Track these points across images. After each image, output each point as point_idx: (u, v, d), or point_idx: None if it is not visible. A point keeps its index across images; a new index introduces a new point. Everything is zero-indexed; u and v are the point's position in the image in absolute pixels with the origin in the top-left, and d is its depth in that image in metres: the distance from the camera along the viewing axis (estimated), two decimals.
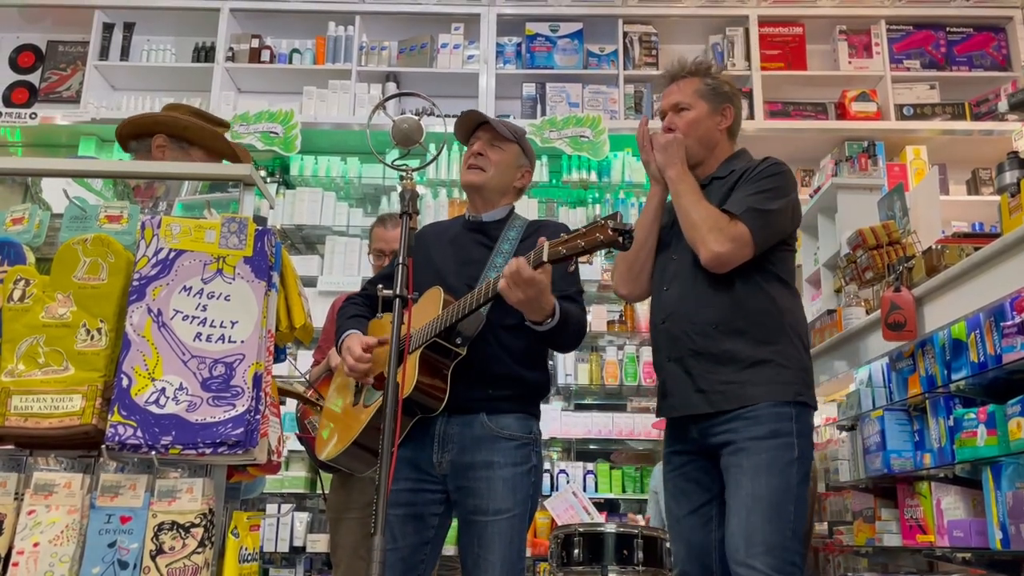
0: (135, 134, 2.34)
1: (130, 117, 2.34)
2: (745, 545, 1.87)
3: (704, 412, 2.02)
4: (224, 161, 2.43)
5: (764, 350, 2.01)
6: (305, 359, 4.12)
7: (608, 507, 4.18)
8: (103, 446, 1.53)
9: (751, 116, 4.76)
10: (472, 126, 2.26)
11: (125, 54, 5.01)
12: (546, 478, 4.08)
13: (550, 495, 3.86)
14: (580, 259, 1.79)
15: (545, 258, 1.80)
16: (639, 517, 3.46)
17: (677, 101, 2.22)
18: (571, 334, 2.06)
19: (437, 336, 1.96)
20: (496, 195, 2.24)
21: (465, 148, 2.29)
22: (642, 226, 2.24)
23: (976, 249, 2.22)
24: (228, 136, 2.86)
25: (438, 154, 2.21)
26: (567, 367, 4.32)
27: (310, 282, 4.28)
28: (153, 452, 1.52)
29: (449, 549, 3.27)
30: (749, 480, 1.91)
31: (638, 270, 2.24)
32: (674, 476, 2.15)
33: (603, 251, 1.76)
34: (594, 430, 4.24)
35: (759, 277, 2.07)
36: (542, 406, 2.20)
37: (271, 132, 4.56)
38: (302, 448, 3.47)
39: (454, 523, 2.11)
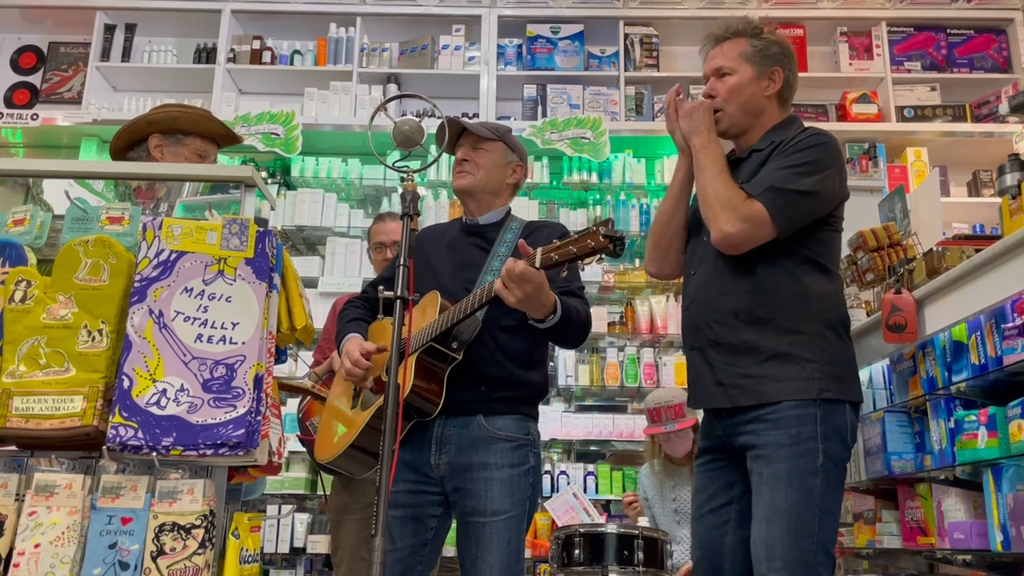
0: (129, 143, 2.34)
1: (119, 130, 2.35)
2: (766, 558, 1.81)
3: (723, 407, 1.93)
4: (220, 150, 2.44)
5: (787, 341, 1.88)
6: (306, 359, 4.13)
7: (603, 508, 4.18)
8: (104, 447, 1.53)
9: None
10: (454, 135, 2.26)
11: (126, 55, 5.01)
12: (546, 479, 4.08)
13: (550, 496, 3.86)
14: (578, 264, 1.79)
15: (537, 264, 1.81)
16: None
17: (719, 65, 2.05)
18: (575, 329, 2.06)
19: (433, 340, 1.97)
20: (489, 196, 2.24)
21: None
22: (667, 202, 2.12)
23: (977, 251, 2.22)
24: None
25: (439, 156, 2.22)
26: (568, 368, 4.32)
27: (311, 283, 4.29)
28: (154, 453, 1.52)
29: (450, 550, 3.27)
30: (768, 490, 1.82)
31: (665, 247, 2.13)
32: (700, 471, 2.08)
33: (597, 257, 1.76)
34: (595, 431, 4.24)
35: (788, 261, 1.93)
36: (542, 407, 2.20)
37: (272, 133, 4.56)
38: (303, 449, 3.48)
39: (454, 524, 2.12)
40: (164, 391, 1.57)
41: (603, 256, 1.74)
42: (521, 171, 2.29)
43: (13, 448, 1.63)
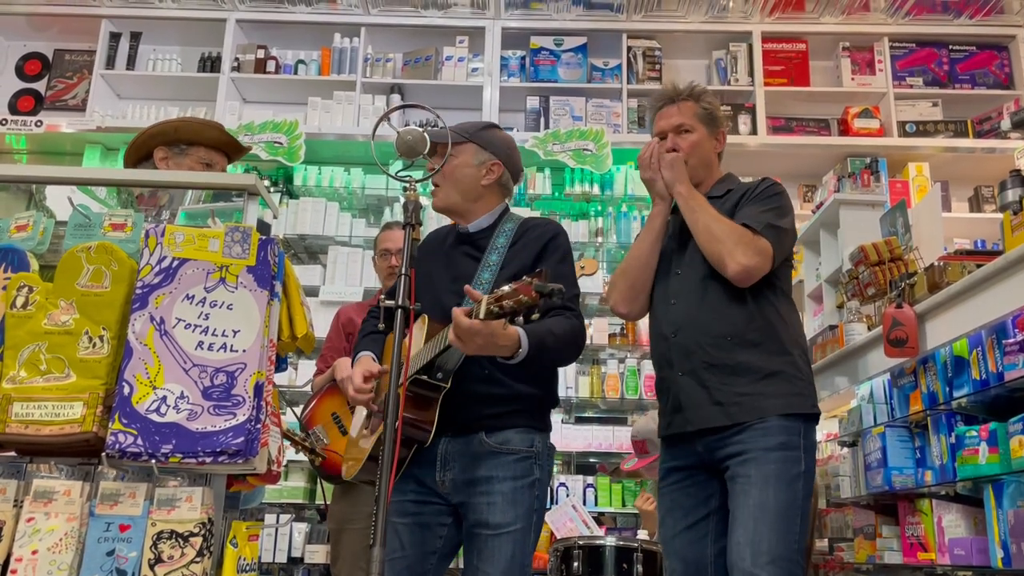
0: (138, 158, 2.36)
1: (127, 147, 2.36)
2: (752, 555, 1.87)
3: (721, 425, 2.02)
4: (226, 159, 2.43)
5: (777, 361, 2.04)
6: (307, 368, 4.13)
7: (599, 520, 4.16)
8: (103, 454, 1.53)
9: (754, 132, 4.77)
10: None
11: (131, 63, 5.03)
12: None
13: (550, 508, 3.85)
14: (519, 316, 1.66)
15: (482, 316, 1.70)
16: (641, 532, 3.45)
17: (680, 123, 2.25)
18: (556, 355, 1.99)
19: (417, 373, 1.94)
20: (466, 204, 2.14)
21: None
22: (646, 244, 2.24)
23: (978, 266, 2.22)
24: None
25: (441, 165, 2.20)
26: (568, 380, 4.31)
27: (312, 292, 4.29)
28: (153, 460, 1.52)
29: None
30: (757, 490, 1.93)
31: (640, 289, 2.25)
32: (671, 491, 2.16)
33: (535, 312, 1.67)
34: (594, 443, 4.24)
35: (768, 291, 2.11)
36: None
37: (275, 142, 4.58)
38: (302, 458, 3.47)
39: None
40: (164, 398, 1.57)
41: (539, 309, 1.63)
42: (499, 169, 2.14)
43: (12, 454, 1.63)
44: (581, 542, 2.80)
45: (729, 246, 2.04)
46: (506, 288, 1.67)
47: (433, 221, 4.51)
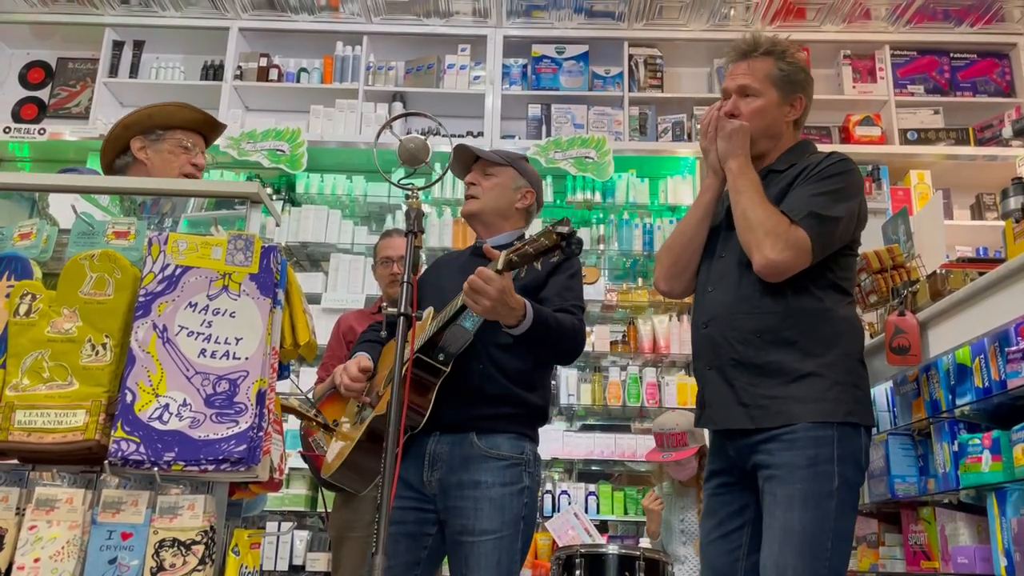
0: (116, 152, 2.32)
1: (102, 144, 2.31)
2: None
3: (746, 427, 1.87)
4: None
5: (813, 363, 1.85)
6: (308, 376, 4.12)
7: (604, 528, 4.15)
8: (106, 462, 1.53)
9: None
10: (469, 161, 2.28)
11: (134, 71, 5.04)
12: (548, 499, 4.06)
13: (551, 516, 3.84)
14: (537, 262, 1.78)
15: (500, 267, 1.81)
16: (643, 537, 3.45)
17: (746, 84, 2.02)
18: (556, 339, 2.02)
19: (419, 352, 1.95)
20: (496, 219, 2.24)
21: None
22: (691, 221, 2.07)
23: (981, 274, 2.21)
24: (235, 153, 2.81)
25: (444, 173, 2.23)
26: (569, 387, 4.31)
27: (314, 299, 4.29)
28: (155, 468, 1.52)
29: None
30: (782, 512, 1.78)
31: (683, 266, 2.08)
32: (709, 496, 2.04)
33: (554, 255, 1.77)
34: (596, 451, 4.23)
35: (812, 284, 1.91)
36: (545, 426, 2.18)
37: (278, 150, 4.59)
38: (304, 466, 3.47)
39: None
40: (167, 406, 1.57)
41: (561, 252, 1.73)
42: (532, 197, 2.28)
43: (14, 461, 1.63)
44: (583, 550, 2.79)
45: (760, 236, 1.84)
46: (518, 244, 1.79)
47: (435, 229, 4.53)
